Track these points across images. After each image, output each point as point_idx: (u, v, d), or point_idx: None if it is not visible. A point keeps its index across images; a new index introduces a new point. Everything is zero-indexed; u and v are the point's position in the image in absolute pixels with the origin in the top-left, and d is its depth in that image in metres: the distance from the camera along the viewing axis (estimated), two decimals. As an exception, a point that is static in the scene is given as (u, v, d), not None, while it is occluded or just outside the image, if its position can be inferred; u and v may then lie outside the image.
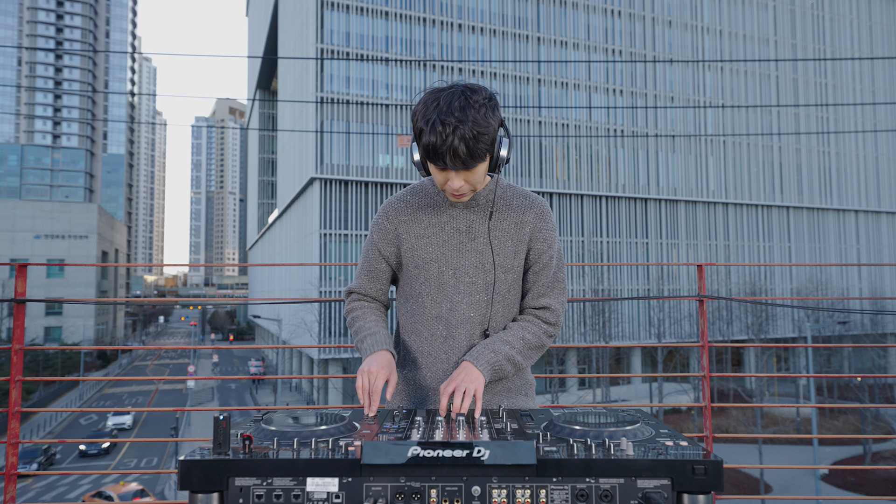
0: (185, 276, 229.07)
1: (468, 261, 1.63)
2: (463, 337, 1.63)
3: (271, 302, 3.02)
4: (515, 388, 1.70)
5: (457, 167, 1.45)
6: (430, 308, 1.65)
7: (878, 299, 4.54)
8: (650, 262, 3.74)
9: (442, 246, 1.64)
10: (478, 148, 1.43)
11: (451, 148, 1.41)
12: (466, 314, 1.63)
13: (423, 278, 1.65)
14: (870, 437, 4.16)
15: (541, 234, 1.65)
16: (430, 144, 1.42)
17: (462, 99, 1.43)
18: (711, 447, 2.73)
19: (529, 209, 1.65)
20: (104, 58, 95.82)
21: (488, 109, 1.44)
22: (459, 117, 1.40)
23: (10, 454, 2.77)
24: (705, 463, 1.07)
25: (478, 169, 1.49)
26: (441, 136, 1.40)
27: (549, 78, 42.42)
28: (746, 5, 48.16)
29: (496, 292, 1.64)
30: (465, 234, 1.64)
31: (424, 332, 1.67)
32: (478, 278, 1.63)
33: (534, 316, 1.67)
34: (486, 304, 1.64)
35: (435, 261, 1.64)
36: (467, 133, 1.40)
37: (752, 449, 27.87)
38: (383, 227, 1.68)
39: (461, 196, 1.56)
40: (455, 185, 1.49)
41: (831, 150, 50.27)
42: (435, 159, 1.45)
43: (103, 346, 6.09)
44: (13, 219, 66.97)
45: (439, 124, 1.40)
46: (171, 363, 65.89)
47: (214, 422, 1.12)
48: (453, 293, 1.63)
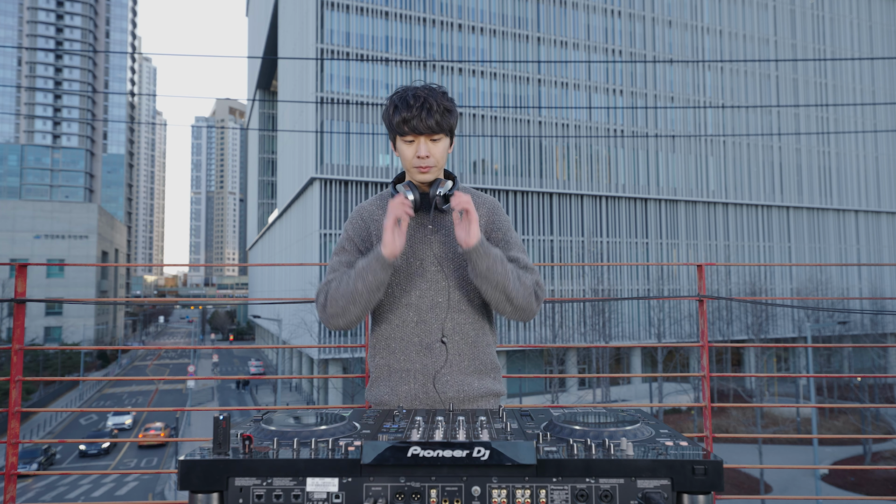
0: (185, 276, 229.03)
1: (434, 251, 1.78)
2: (433, 320, 1.76)
3: (271, 302, 3.02)
4: (485, 370, 1.79)
5: (423, 131, 1.67)
6: (400, 297, 1.78)
7: (878, 299, 4.54)
8: (650, 262, 3.75)
9: (410, 239, 1.79)
10: (444, 120, 1.69)
11: (420, 115, 1.65)
12: (435, 300, 1.76)
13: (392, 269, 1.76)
14: (870, 437, 4.15)
15: (495, 224, 1.82)
16: (401, 118, 1.67)
17: (426, 87, 1.71)
18: (711, 447, 2.73)
19: (482, 205, 1.83)
20: (104, 58, 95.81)
21: (449, 99, 1.72)
22: (428, 93, 1.69)
23: (10, 454, 2.77)
24: (705, 463, 1.07)
25: (440, 143, 1.72)
26: (412, 107, 1.66)
27: (549, 78, 42.41)
28: (746, 5, 48.15)
29: (461, 278, 1.77)
30: (429, 228, 1.80)
31: (395, 319, 1.78)
32: (444, 266, 1.78)
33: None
34: (452, 289, 1.77)
35: (403, 252, 1.77)
36: (435, 104, 1.67)
37: (752, 449, 27.86)
38: (357, 226, 1.85)
39: (427, 169, 1.73)
40: (422, 152, 1.69)
41: (831, 150, 50.27)
42: (405, 128, 1.68)
43: (103, 346, 6.09)
44: (13, 219, 66.96)
45: (411, 98, 1.67)
46: (171, 363, 65.87)
47: (214, 422, 1.12)
48: (420, 281, 1.77)
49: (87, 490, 25.45)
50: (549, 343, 34.16)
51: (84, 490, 25.46)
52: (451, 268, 1.77)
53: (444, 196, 1.73)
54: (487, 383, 1.79)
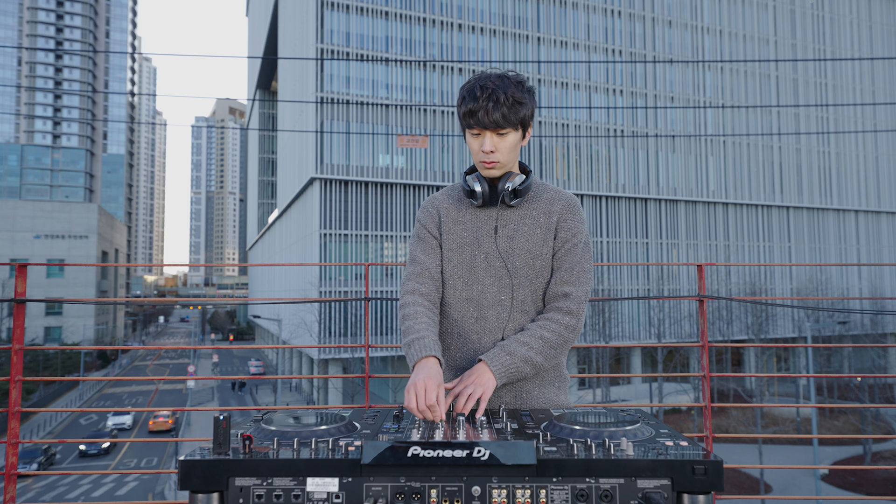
0: (185, 276, 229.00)
1: (499, 246, 1.71)
2: (493, 318, 1.69)
3: (271, 302, 3.02)
4: (549, 379, 1.72)
5: (488, 125, 1.59)
6: (462, 290, 1.72)
7: (878, 299, 4.54)
8: (650, 262, 3.75)
9: (476, 231, 1.73)
10: (512, 114, 1.59)
11: (486, 108, 1.57)
12: (497, 297, 1.70)
13: (455, 261, 1.74)
14: (870, 437, 4.15)
15: (566, 223, 1.73)
16: (468, 108, 1.60)
17: (500, 75, 1.63)
18: (711, 447, 2.73)
19: (558, 201, 1.75)
20: (104, 58, 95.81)
21: (525, 89, 1.62)
22: (497, 84, 1.59)
23: (10, 454, 2.77)
24: (705, 463, 1.07)
25: (508, 137, 1.63)
26: (479, 99, 1.58)
27: (549, 78, 42.42)
28: (746, 5, 48.15)
29: (524, 276, 1.70)
30: (497, 221, 1.73)
31: (455, 314, 1.73)
32: (508, 262, 1.70)
33: (554, 310, 1.68)
34: (516, 287, 1.70)
35: (468, 245, 1.73)
36: (502, 97, 1.57)
37: (752, 449, 27.86)
38: (429, 212, 1.80)
39: (492, 164, 1.65)
40: (487, 147, 1.62)
41: (831, 150, 50.27)
42: (471, 121, 1.61)
43: (103, 346, 6.09)
44: (13, 219, 66.95)
45: (478, 89, 1.60)
46: (171, 363, 65.86)
47: (214, 422, 1.12)
48: (484, 276, 1.71)
49: (87, 490, 25.44)
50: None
51: (84, 490, 25.46)
52: (515, 265, 1.70)
53: (512, 191, 1.67)
54: (549, 393, 1.71)
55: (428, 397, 1.38)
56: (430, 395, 1.38)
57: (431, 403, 1.38)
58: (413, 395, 1.39)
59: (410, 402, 1.39)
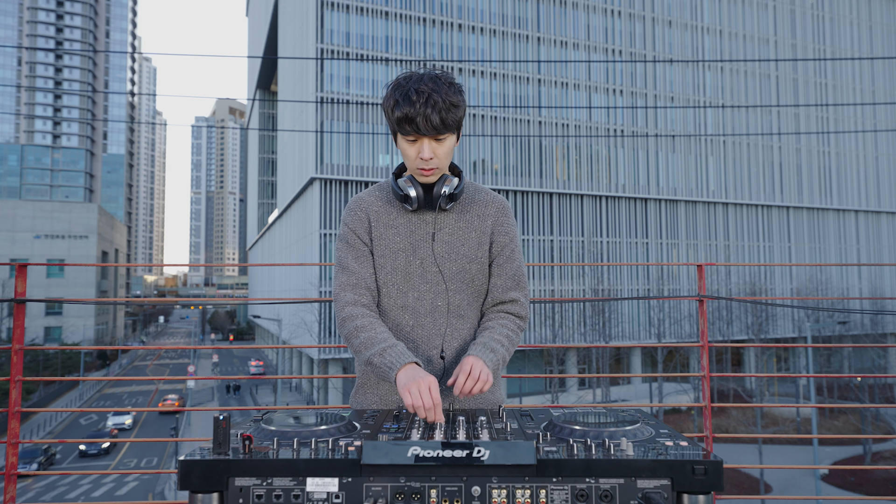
0: (185, 276, 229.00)
1: (436, 252, 1.66)
2: (430, 325, 1.65)
3: (271, 302, 3.02)
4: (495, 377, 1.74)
5: (428, 132, 1.52)
6: (397, 298, 1.66)
7: (878, 299, 4.55)
8: (650, 262, 3.75)
9: (410, 236, 1.66)
10: (449, 118, 1.52)
11: (424, 113, 1.49)
12: (433, 303, 1.65)
13: (389, 268, 1.66)
14: (870, 437, 4.16)
15: (502, 227, 1.71)
16: (403, 114, 1.51)
17: (432, 76, 1.55)
18: (711, 447, 2.73)
19: (491, 204, 1.73)
20: (104, 58, 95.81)
21: (457, 90, 1.56)
22: (433, 87, 1.51)
23: (10, 454, 2.77)
24: (705, 463, 1.07)
25: (446, 141, 1.58)
26: (416, 104, 1.49)
27: (549, 78, 42.41)
28: (746, 5, 48.15)
29: (460, 281, 1.67)
30: (431, 226, 1.67)
31: (389, 322, 1.67)
32: (444, 268, 1.66)
33: (505, 312, 1.71)
34: (452, 292, 1.66)
35: (402, 251, 1.66)
36: (440, 101, 1.50)
37: (752, 449, 27.86)
38: (357, 216, 1.70)
39: (430, 172, 1.60)
40: (426, 154, 1.55)
41: (831, 150, 50.27)
42: (407, 128, 1.53)
43: (103, 346, 6.09)
44: (13, 219, 66.96)
45: (413, 93, 1.50)
46: (171, 363, 65.87)
47: (214, 422, 1.12)
48: (420, 282, 1.65)
49: (87, 490, 25.45)
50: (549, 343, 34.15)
51: (84, 490, 25.46)
52: (452, 270, 1.65)
53: (448, 195, 1.62)
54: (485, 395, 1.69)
55: (433, 396, 1.36)
56: (434, 393, 1.36)
57: (437, 401, 1.36)
58: (417, 393, 1.35)
59: (415, 401, 1.34)
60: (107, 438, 4.28)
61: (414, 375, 1.41)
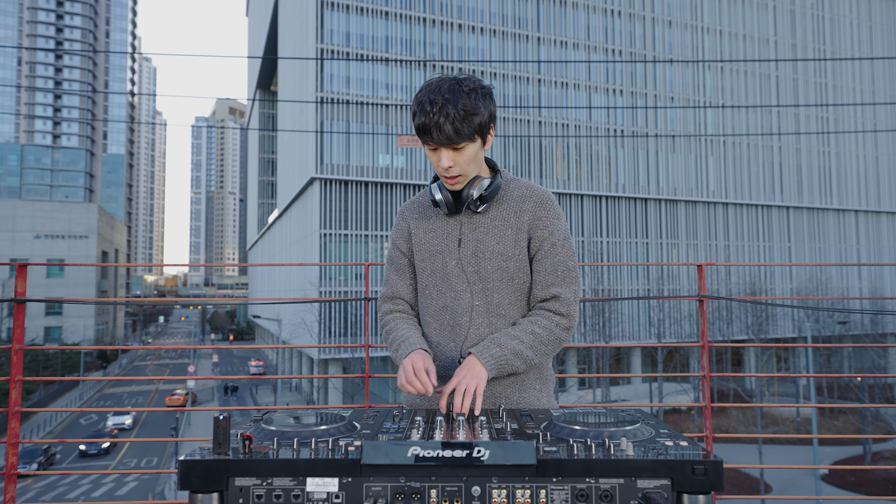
0: (185, 276, 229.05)
1: (470, 250, 1.67)
2: (468, 325, 1.66)
3: (271, 302, 3.02)
4: (529, 382, 1.68)
5: (442, 142, 1.53)
6: (437, 298, 1.71)
7: (878, 299, 4.54)
8: (650, 262, 3.74)
9: (446, 238, 1.70)
10: (464, 127, 1.51)
11: (437, 123, 1.50)
12: (471, 302, 1.66)
13: (429, 270, 1.72)
14: (870, 437, 4.15)
15: (540, 221, 1.66)
16: (420, 123, 1.53)
17: (452, 82, 1.54)
18: (711, 447, 2.73)
19: (528, 198, 1.68)
20: (104, 58, 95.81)
21: (479, 96, 1.54)
22: (447, 97, 1.50)
23: (10, 454, 2.77)
24: (705, 463, 1.07)
25: (465, 150, 1.57)
26: (429, 114, 1.50)
27: (549, 78, 42.42)
28: (746, 5, 48.16)
29: (498, 280, 1.66)
30: (466, 226, 1.69)
31: (433, 322, 1.72)
32: (480, 267, 1.66)
33: (543, 309, 1.66)
34: (490, 291, 1.66)
35: (439, 252, 1.70)
36: (452, 111, 1.49)
37: (752, 449, 27.87)
38: (399, 227, 1.80)
39: (454, 179, 1.61)
40: (444, 164, 1.56)
41: (831, 150, 50.27)
42: (425, 137, 1.55)
43: (103, 346, 6.09)
44: (13, 219, 66.97)
45: (428, 103, 1.51)
46: (171, 363, 65.88)
47: (214, 422, 1.12)
48: (457, 282, 1.68)
49: (87, 490, 25.45)
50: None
51: (84, 490, 25.46)
52: (487, 269, 1.65)
53: (478, 197, 1.63)
54: (530, 398, 1.68)
55: (416, 369, 1.47)
56: (417, 367, 1.48)
57: (419, 371, 1.47)
58: (401, 371, 1.49)
59: (399, 378, 1.46)
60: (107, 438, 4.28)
61: (409, 357, 1.54)
